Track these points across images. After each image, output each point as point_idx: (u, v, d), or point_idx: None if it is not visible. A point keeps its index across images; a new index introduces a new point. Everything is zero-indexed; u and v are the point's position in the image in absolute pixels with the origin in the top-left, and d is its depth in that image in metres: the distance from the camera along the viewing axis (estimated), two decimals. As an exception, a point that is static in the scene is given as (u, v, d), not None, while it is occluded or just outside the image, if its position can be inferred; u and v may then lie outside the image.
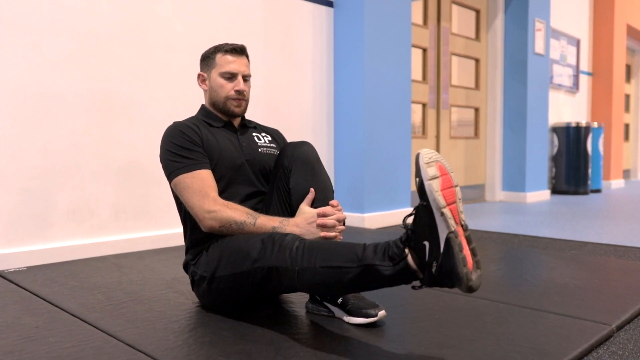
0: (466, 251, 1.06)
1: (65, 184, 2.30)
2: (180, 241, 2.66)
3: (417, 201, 1.12)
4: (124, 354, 1.22)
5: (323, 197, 1.55)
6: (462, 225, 1.09)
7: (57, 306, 1.61)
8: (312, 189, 1.53)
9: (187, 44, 2.72)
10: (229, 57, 1.62)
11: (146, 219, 2.58)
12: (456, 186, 1.12)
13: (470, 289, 1.04)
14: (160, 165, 2.66)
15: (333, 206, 1.53)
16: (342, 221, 1.54)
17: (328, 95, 3.48)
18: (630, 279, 1.95)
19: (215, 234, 1.48)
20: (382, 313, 1.42)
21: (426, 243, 1.08)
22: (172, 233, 2.65)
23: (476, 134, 5.05)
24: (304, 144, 1.60)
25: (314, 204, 1.53)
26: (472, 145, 4.99)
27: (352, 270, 1.17)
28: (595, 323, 1.43)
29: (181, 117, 2.57)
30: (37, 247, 2.23)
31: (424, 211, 1.08)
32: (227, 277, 1.42)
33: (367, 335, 1.33)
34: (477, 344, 1.28)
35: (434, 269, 1.07)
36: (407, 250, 1.12)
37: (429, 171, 1.08)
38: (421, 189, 1.09)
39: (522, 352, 1.23)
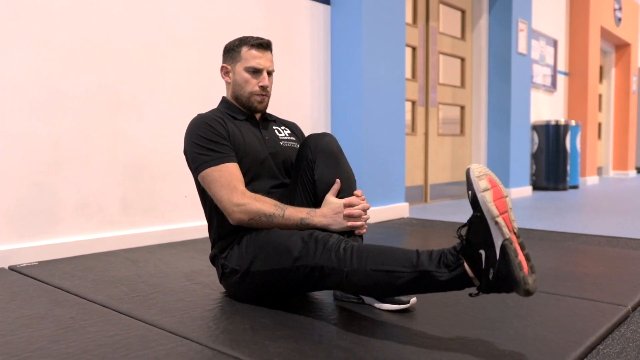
0: (521, 257, 1.10)
1: (74, 179, 2.29)
2: (187, 236, 2.66)
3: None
4: (170, 341, 1.24)
5: (348, 187, 1.59)
6: (515, 233, 1.13)
7: (84, 298, 1.61)
8: (337, 180, 1.57)
9: (192, 40, 2.72)
10: (255, 52, 1.63)
11: (154, 214, 2.57)
12: (506, 197, 1.16)
13: (527, 293, 1.09)
14: (167, 160, 2.65)
15: (358, 196, 1.57)
16: (367, 210, 1.59)
17: (325, 92, 3.52)
18: (632, 265, 2.05)
19: (243, 226, 1.50)
20: (413, 300, 1.47)
21: (482, 252, 1.12)
22: (179, 228, 2.65)
23: (462, 132, 5.17)
24: (326, 135, 1.63)
25: (339, 194, 1.57)
26: (458, 142, 5.10)
27: (406, 275, 1.20)
28: (612, 305, 1.51)
29: (188, 112, 2.59)
30: (47, 242, 2.21)
31: (479, 222, 1.13)
32: (264, 273, 1.44)
33: (401, 319, 1.39)
34: (507, 325, 1.35)
35: (491, 276, 1.11)
36: (462, 259, 1.16)
37: (480, 184, 1.13)
38: (474, 201, 1.13)
39: (552, 331, 1.30)
